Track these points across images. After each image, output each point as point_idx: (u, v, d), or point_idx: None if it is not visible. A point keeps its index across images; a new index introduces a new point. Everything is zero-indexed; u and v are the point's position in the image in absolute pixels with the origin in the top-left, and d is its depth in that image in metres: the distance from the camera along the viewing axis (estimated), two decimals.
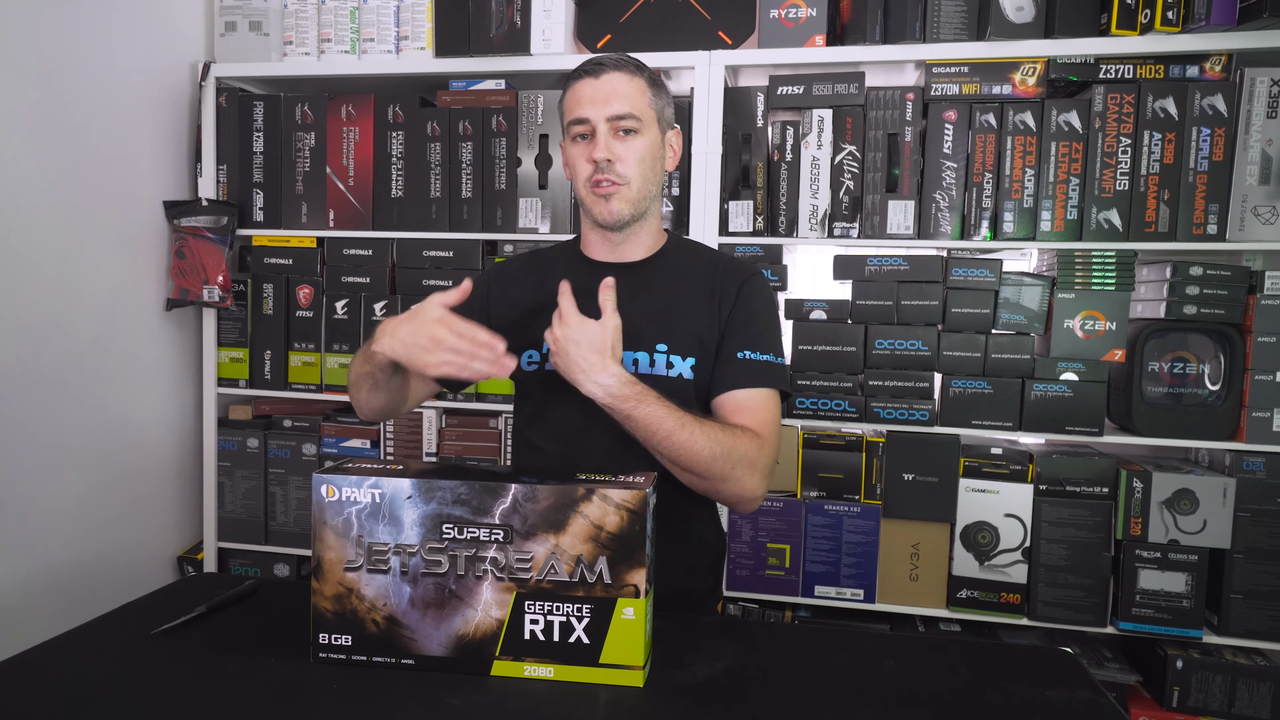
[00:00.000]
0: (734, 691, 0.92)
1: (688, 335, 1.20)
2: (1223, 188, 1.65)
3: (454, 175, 1.94)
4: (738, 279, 1.23)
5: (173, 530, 2.08)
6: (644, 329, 1.19)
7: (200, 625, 1.04)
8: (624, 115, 1.16)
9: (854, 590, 1.84)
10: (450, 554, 0.90)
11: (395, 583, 0.91)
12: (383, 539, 0.91)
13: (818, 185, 1.80)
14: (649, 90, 1.20)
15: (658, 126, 1.21)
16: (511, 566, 0.90)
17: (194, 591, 1.14)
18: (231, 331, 2.07)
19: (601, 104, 1.16)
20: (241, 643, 0.99)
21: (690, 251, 1.29)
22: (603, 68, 1.18)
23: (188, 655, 0.96)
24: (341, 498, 0.92)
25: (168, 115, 2.00)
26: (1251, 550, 1.68)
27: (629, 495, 0.89)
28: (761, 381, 1.18)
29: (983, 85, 1.72)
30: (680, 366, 1.19)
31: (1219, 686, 1.70)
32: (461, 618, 0.91)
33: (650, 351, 1.19)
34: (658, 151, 1.21)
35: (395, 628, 0.91)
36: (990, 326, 1.76)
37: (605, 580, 0.89)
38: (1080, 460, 1.76)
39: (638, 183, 1.18)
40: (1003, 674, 1.00)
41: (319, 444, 2.04)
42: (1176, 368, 1.73)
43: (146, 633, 1.01)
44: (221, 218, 2.01)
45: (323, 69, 1.98)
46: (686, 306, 1.21)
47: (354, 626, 0.92)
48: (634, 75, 1.19)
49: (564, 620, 0.89)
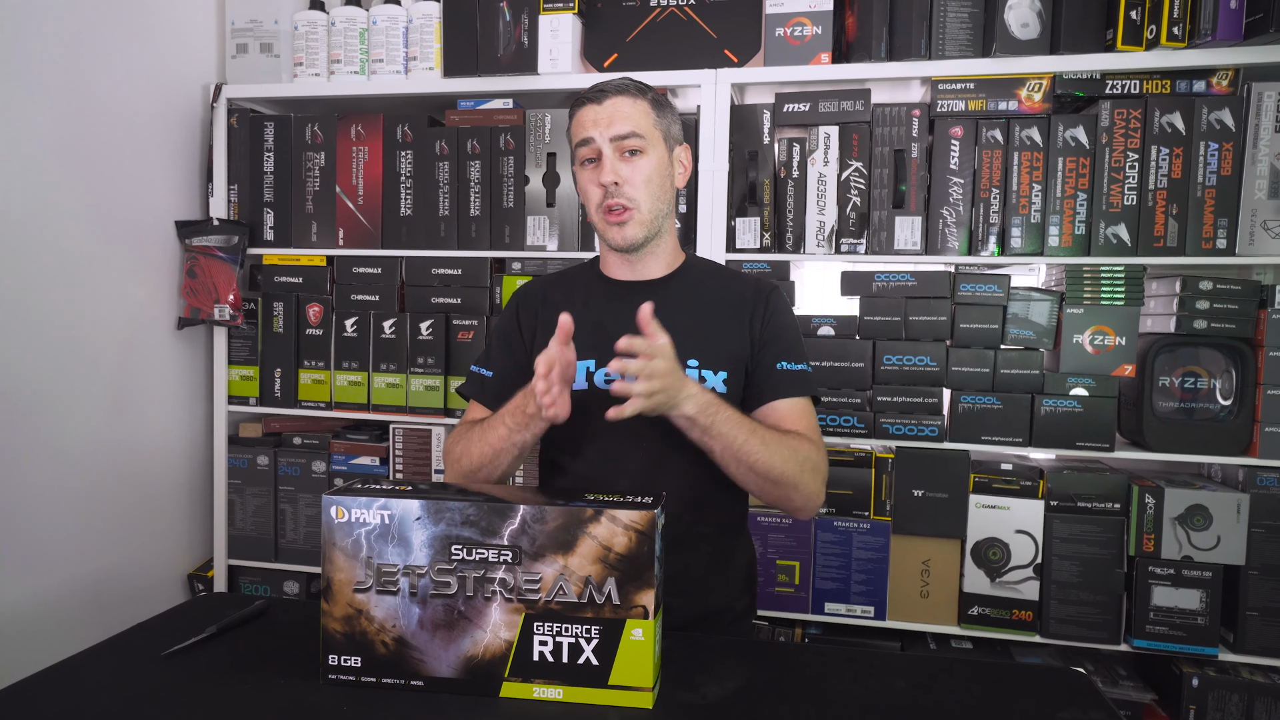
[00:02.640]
0: (744, 713, 0.91)
1: (717, 350, 1.21)
2: (1231, 202, 1.65)
3: (462, 194, 1.96)
4: (762, 292, 1.25)
5: (183, 548, 2.09)
6: (673, 345, 1.19)
7: (210, 646, 1.04)
8: (628, 135, 1.17)
9: (864, 607, 1.83)
10: (459, 575, 0.91)
11: (404, 604, 0.91)
12: (392, 560, 0.92)
13: (824, 202, 1.80)
14: (652, 110, 1.21)
15: (664, 144, 1.22)
16: (520, 588, 0.90)
17: (204, 612, 1.15)
18: (242, 349, 2.09)
19: (605, 126, 1.18)
20: (251, 664, 1.00)
21: (708, 268, 1.32)
22: (605, 93, 1.19)
23: (198, 677, 0.97)
24: (351, 519, 0.92)
25: (180, 136, 2.02)
26: (1267, 566, 1.66)
27: (637, 516, 0.89)
28: (802, 390, 1.22)
29: (989, 101, 1.72)
30: (713, 381, 1.20)
31: (1236, 705, 1.68)
32: (470, 639, 0.91)
33: (682, 367, 1.19)
34: (666, 170, 1.22)
35: (404, 649, 0.91)
36: (999, 342, 1.76)
37: (614, 601, 0.89)
38: (1091, 476, 1.75)
39: (647, 203, 1.19)
40: (1014, 694, 0.99)
41: (329, 461, 2.05)
42: (1188, 382, 1.72)
43: (157, 654, 1.01)
44: (232, 237, 2.02)
45: (332, 89, 2.00)
46: (713, 321, 1.23)
47: (363, 648, 0.92)
48: (636, 97, 1.20)
49: (573, 642, 0.89)
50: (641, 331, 1.02)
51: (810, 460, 1.16)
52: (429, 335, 1.98)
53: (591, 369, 1.22)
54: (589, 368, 1.22)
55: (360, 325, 2.01)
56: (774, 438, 1.13)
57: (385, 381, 2.01)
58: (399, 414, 2.00)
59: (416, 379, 1.99)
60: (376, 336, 2.00)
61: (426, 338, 1.98)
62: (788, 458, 1.12)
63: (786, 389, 1.21)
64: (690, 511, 1.19)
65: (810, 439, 1.19)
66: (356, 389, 2.02)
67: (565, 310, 1.20)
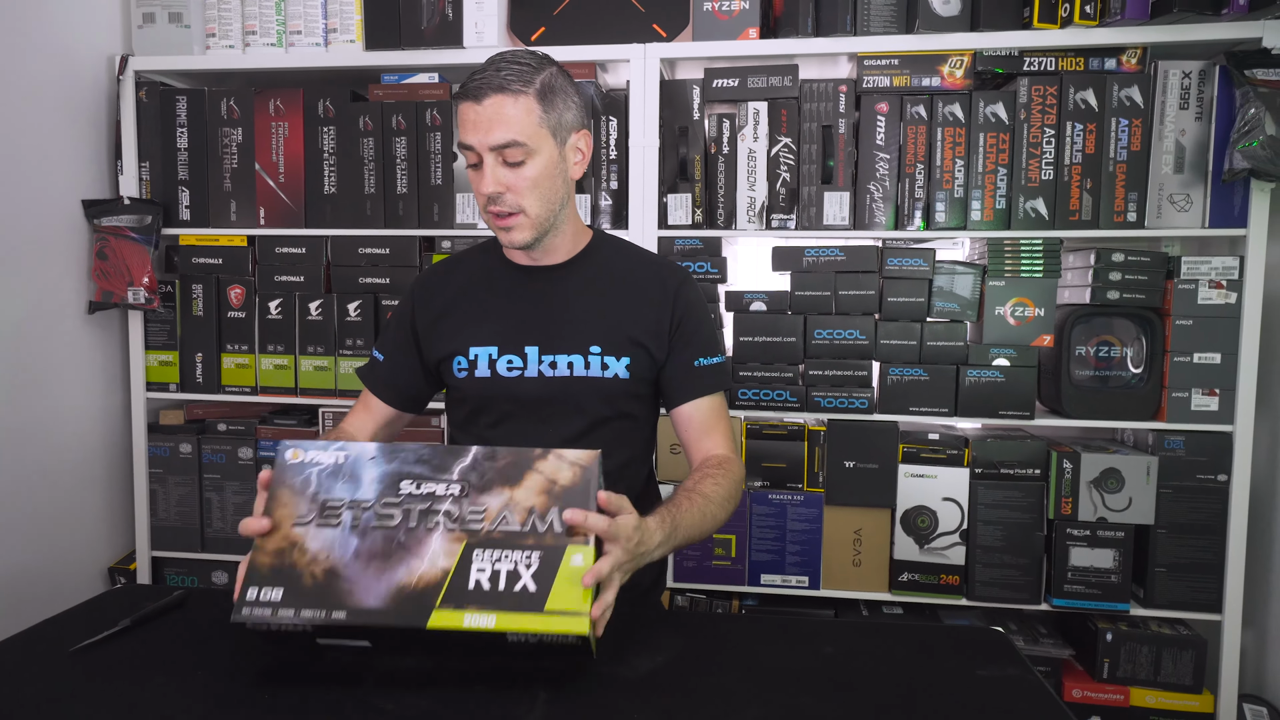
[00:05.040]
0: (675, 684, 0.92)
1: (620, 335, 1.20)
2: (1141, 176, 1.71)
3: (388, 171, 1.90)
4: (672, 285, 1.23)
5: (103, 541, 2.01)
6: (575, 331, 1.20)
7: (124, 641, 1.00)
8: (508, 144, 1.08)
9: (799, 578, 1.87)
10: (405, 508, 0.92)
11: (343, 535, 0.91)
12: (339, 495, 0.92)
13: (755, 177, 1.81)
14: (538, 105, 1.10)
15: (553, 141, 1.13)
16: (464, 517, 0.91)
17: (118, 605, 1.10)
18: (160, 334, 2.01)
19: (484, 132, 1.08)
20: (167, 658, 0.96)
21: (617, 250, 1.28)
22: (483, 90, 1.08)
23: (109, 674, 0.93)
24: (305, 459, 0.93)
25: (84, 110, 1.92)
26: (1173, 525, 1.75)
27: (583, 455, 0.94)
28: (717, 385, 1.24)
29: (913, 77, 1.75)
30: (615, 367, 1.20)
31: (1145, 656, 1.77)
32: (405, 568, 0.89)
33: (584, 353, 1.19)
34: (554, 170, 1.14)
35: (333, 580, 0.88)
36: (925, 315, 1.80)
37: (555, 530, 0.90)
38: (1013, 444, 1.81)
39: (535, 207, 1.13)
40: (937, 655, 1.02)
41: (255, 447, 1.99)
42: (1101, 351, 1.79)
43: (65, 651, 0.97)
44: (145, 217, 1.94)
45: (248, 62, 1.92)
46: (618, 306, 1.21)
47: (289, 578, 0.88)
48: (518, 95, 1.08)
49: (511, 569, 0.88)
50: (600, 505, 0.93)
51: (735, 484, 1.18)
52: (357, 316, 1.93)
53: (494, 356, 1.20)
54: (491, 355, 1.20)
55: (285, 307, 1.95)
56: (714, 500, 1.12)
57: (313, 364, 1.95)
58: (328, 397, 1.95)
59: (346, 361, 1.94)
60: (303, 318, 1.95)
61: (355, 319, 1.93)
62: (723, 505, 1.14)
63: (706, 387, 1.23)
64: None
65: (730, 458, 1.21)
66: (283, 372, 1.96)
67: (465, 294, 1.23)
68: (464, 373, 1.22)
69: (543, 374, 1.19)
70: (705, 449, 1.23)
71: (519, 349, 1.20)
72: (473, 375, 1.21)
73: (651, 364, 1.22)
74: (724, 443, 1.24)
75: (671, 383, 1.24)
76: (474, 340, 1.21)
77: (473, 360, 1.21)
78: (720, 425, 1.24)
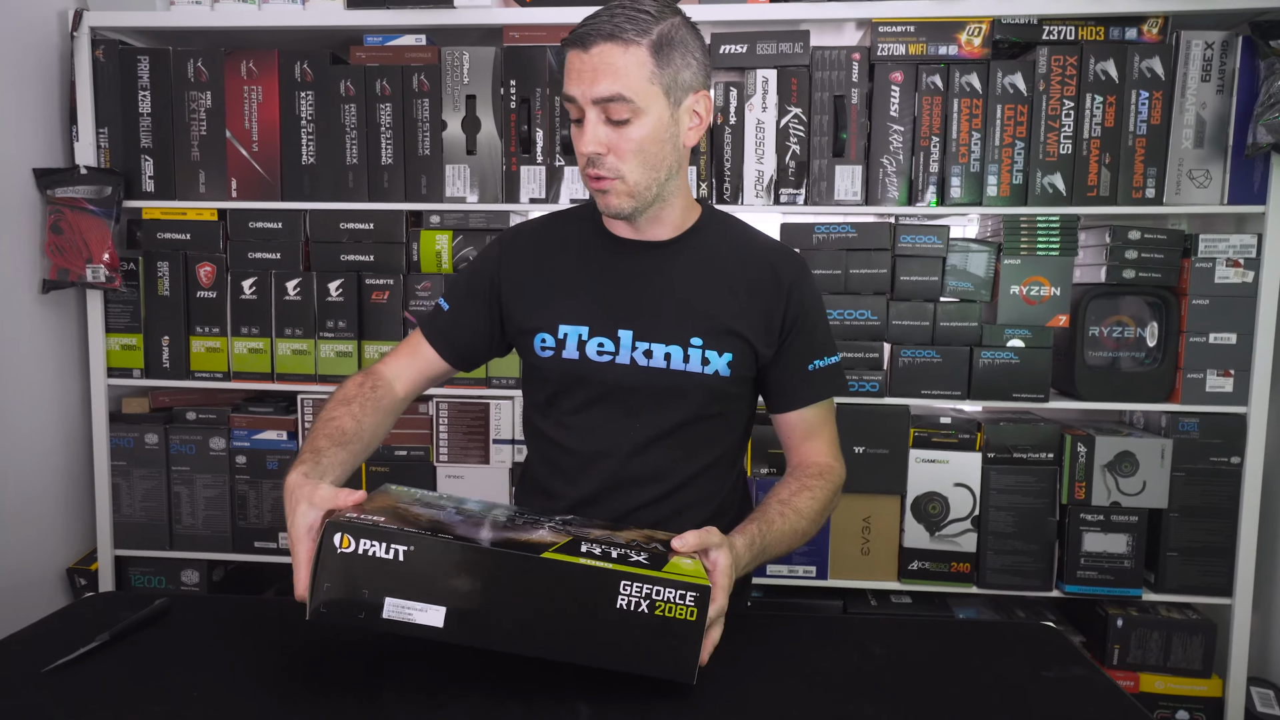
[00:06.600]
0: (723, 692, 0.84)
1: (723, 328, 1.08)
2: (1160, 151, 1.66)
3: (372, 140, 1.78)
4: (789, 273, 1.11)
5: (61, 540, 1.87)
6: (675, 318, 1.07)
7: (101, 656, 0.89)
8: (612, 98, 0.97)
9: (806, 567, 1.80)
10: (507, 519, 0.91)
11: (447, 515, 0.86)
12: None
13: (763, 150, 1.73)
14: (651, 60, 0.97)
15: (666, 100, 1.00)
16: (569, 528, 0.90)
17: (93, 615, 0.99)
18: (122, 315, 1.86)
19: (588, 83, 0.97)
20: (154, 676, 0.85)
21: (728, 230, 1.15)
22: (592, 37, 0.97)
23: (89, 696, 0.82)
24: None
25: (34, 71, 1.76)
26: (1186, 509, 1.72)
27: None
28: (832, 390, 1.15)
29: (929, 45, 1.67)
30: (716, 363, 1.07)
31: (1156, 642, 1.74)
32: (514, 534, 0.85)
33: (684, 345, 1.07)
34: (663, 133, 1.01)
35: (439, 528, 0.81)
36: (938, 294, 1.74)
37: (659, 548, 0.88)
38: (1026, 427, 1.76)
39: (635, 174, 1.01)
40: (993, 655, 0.96)
41: (229, 437, 1.86)
42: (1115, 332, 1.74)
43: (37, 670, 0.86)
44: (105, 188, 1.78)
45: (217, 20, 1.78)
46: (724, 294, 1.09)
47: (390, 515, 0.81)
48: (629, 45, 0.96)
49: (622, 552, 0.84)
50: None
51: (833, 495, 1.11)
52: (339, 296, 1.81)
53: (584, 337, 1.08)
54: (582, 335, 1.08)
55: (260, 286, 1.82)
56: (806, 516, 1.06)
57: (291, 348, 1.83)
58: (308, 383, 1.83)
59: (326, 344, 1.82)
60: (279, 298, 1.82)
61: (336, 299, 1.81)
62: (815, 522, 1.07)
63: (819, 393, 1.13)
64: (678, 492, 1.11)
65: (833, 466, 1.14)
66: (259, 357, 1.84)
67: (559, 261, 1.12)
68: (549, 352, 1.09)
69: (635, 362, 1.07)
70: (806, 453, 1.14)
71: (611, 331, 1.07)
72: (559, 356, 1.08)
73: (754, 361, 1.10)
74: (828, 448, 1.15)
75: (781, 387, 1.13)
76: (564, 317, 1.08)
77: (561, 339, 1.08)
78: (826, 430, 1.15)
